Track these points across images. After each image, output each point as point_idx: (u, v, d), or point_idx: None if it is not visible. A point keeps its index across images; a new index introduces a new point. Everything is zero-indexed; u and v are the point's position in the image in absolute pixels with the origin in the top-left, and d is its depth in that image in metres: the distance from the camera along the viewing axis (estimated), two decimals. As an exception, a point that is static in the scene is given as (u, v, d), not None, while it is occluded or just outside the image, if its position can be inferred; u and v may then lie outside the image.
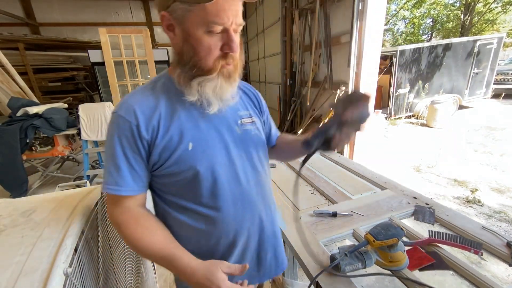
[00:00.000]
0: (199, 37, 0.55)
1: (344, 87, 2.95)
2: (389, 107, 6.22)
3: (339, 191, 1.31)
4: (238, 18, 0.57)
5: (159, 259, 0.59)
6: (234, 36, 0.57)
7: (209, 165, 0.63)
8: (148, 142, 0.60)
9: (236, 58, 0.62)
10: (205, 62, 0.58)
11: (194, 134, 0.63)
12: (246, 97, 0.79)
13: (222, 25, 0.54)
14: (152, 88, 0.65)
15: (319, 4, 3.23)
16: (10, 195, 2.69)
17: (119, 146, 0.59)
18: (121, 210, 0.61)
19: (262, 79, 6.64)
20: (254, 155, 0.72)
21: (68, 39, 5.92)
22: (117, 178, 0.59)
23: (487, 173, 3.38)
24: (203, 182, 0.63)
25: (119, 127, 0.59)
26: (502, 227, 2.33)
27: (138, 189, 0.62)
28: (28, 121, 2.73)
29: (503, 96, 7.75)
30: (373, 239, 0.75)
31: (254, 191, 0.71)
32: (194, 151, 0.62)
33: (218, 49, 0.57)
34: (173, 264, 0.58)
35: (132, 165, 0.60)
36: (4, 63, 3.46)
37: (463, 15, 14.16)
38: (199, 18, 0.53)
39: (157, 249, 0.59)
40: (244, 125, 0.71)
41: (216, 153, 0.65)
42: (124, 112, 0.60)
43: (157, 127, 0.60)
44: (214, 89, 0.61)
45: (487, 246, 0.85)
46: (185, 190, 0.65)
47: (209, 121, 0.65)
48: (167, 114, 0.62)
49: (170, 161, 0.61)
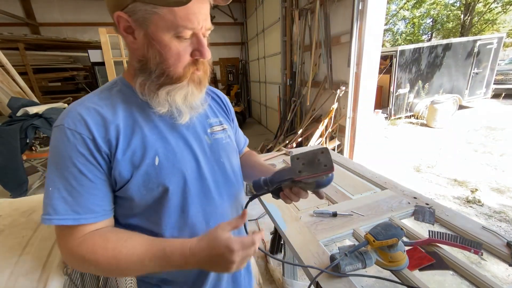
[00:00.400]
0: (166, 42, 0.50)
1: (344, 87, 2.95)
2: (389, 107, 6.23)
3: (339, 191, 1.31)
4: (208, 22, 0.53)
5: (149, 262, 0.49)
6: (204, 41, 0.53)
7: (179, 181, 0.57)
8: (108, 155, 0.52)
9: (206, 63, 0.58)
10: (175, 70, 0.52)
11: (160, 147, 0.56)
12: (215, 103, 0.74)
13: (192, 29, 0.50)
14: (107, 96, 0.56)
15: (319, 4, 3.23)
16: (10, 195, 2.69)
17: (71, 165, 0.49)
18: (80, 240, 0.50)
19: (262, 79, 6.64)
20: (227, 166, 0.67)
21: (68, 39, 5.92)
22: (74, 205, 0.49)
23: (487, 173, 3.39)
24: (172, 200, 0.56)
25: (69, 142, 0.49)
26: (502, 227, 2.33)
27: (103, 214, 0.53)
28: (28, 121, 2.73)
29: (503, 96, 7.75)
30: (373, 239, 0.75)
31: (227, 205, 0.66)
32: (162, 166, 0.55)
33: (188, 55, 0.53)
34: (169, 257, 0.49)
35: (93, 184, 0.51)
36: (4, 63, 3.45)
37: (463, 15, 14.16)
38: (166, 22, 0.48)
39: (143, 251, 0.49)
40: (215, 134, 0.66)
41: (186, 167, 0.58)
42: (72, 123, 0.50)
43: (115, 141, 0.52)
44: (185, 98, 0.56)
45: (487, 246, 0.85)
46: (151, 212, 0.57)
47: (176, 131, 0.59)
48: (126, 126, 0.54)
49: (135, 180, 0.53)
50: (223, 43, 7.90)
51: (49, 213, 0.48)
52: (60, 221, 0.48)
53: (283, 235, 1.01)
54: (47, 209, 0.49)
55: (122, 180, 0.53)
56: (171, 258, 0.49)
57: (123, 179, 0.53)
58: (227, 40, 7.92)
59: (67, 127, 0.50)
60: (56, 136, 0.51)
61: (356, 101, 2.84)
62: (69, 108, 0.53)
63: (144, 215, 0.57)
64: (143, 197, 0.55)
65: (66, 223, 0.49)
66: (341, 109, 3.14)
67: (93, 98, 0.56)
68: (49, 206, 0.49)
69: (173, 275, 0.63)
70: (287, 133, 4.46)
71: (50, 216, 0.48)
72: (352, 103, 2.91)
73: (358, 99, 2.82)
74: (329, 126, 3.23)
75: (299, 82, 4.17)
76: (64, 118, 0.52)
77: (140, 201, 0.55)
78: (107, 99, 0.56)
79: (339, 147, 3.25)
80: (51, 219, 0.48)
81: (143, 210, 0.57)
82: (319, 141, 3.27)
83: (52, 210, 0.48)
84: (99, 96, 0.56)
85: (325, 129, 3.25)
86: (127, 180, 0.53)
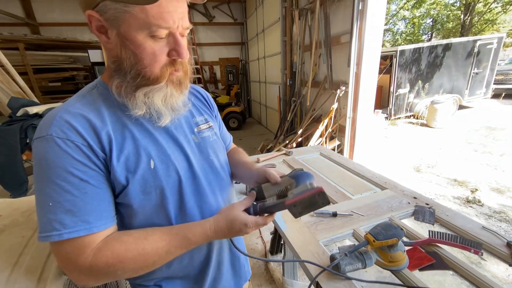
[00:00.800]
0: (140, 42, 0.47)
1: (344, 87, 2.95)
2: (389, 107, 6.23)
3: (339, 191, 1.31)
4: (185, 21, 0.50)
5: (175, 249, 0.52)
6: (182, 40, 0.51)
7: (174, 181, 0.57)
8: (105, 160, 0.50)
9: (186, 64, 0.56)
10: (151, 70, 0.50)
11: (153, 150, 0.55)
12: (198, 101, 0.73)
13: (168, 28, 0.48)
14: (89, 101, 0.54)
15: (319, 4, 3.23)
16: (10, 195, 2.68)
17: (69, 175, 0.46)
18: (95, 250, 0.47)
19: (262, 79, 6.64)
20: (215, 162, 0.68)
21: (68, 39, 5.91)
22: (82, 214, 0.46)
23: (487, 173, 3.39)
24: (169, 202, 0.57)
25: (61, 152, 0.46)
26: (502, 227, 2.33)
27: (111, 220, 0.52)
28: (28, 121, 2.73)
29: (503, 96, 7.76)
30: (373, 239, 0.75)
31: (221, 199, 0.67)
32: (157, 169, 0.55)
33: (165, 55, 0.51)
34: (192, 241, 0.54)
35: (99, 189, 0.49)
36: (4, 63, 3.45)
37: (463, 15, 14.17)
38: (139, 21, 0.45)
39: (167, 242, 0.52)
40: (202, 132, 0.67)
41: (180, 167, 0.59)
42: (61, 132, 0.47)
43: (108, 147, 0.50)
44: (164, 99, 0.54)
45: (487, 246, 0.85)
46: (151, 215, 0.57)
47: (165, 133, 0.59)
48: (116, 131, 0.52)
49: (133, 185, 0.52)
50: (223, 43, 7.90)
51: (56, 229, 0.45)
52: (71, 234, 0.45)
53: (283, 235, 1.01)
54: (53, 225, 0.45)
55: (120, 186, 0.52)
56: (194, 240, 0.54)
57: (120, 185, 0.52)
58: (227, 40, 7.92)
59: (56, 137, 0.46)
60: (44, 148, 0.46)
61: (356, 101, 2.84)
62: (52, 117, 0.49)
63: (143, 218, 0.57)
64: (142, 202, 0.54)
65: (78, 235, 0.45)
66: (341, 109, 3.14)
67: (76, 104, 0.52)
68: (54, 221, 0.45)
69: (175, 271, 0.64)
70: (287, 133, 4.46)
71: (58, 232, 0.45)
72: (352, 103, 2.90)
73: (358, 99, 2.82)
74: (329, 126, 3.23)
75: (299, 82, 4.16)
76: (48, 128, 0.47)
77: (138, 207, 0.54)
78: (90, 104, 0.53)
79: (339, 147, 3.25)
80: (61, 234, 0.44)
81: (141, 215, 0.56)
82: (319, 141, 3.27)
83: (59, 225, 0.45)
84: (81, 101, 0.53)
85: (325, 129, 3.25)
86: (124, 186, 0.52)
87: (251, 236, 2.31)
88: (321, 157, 1.84)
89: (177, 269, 0.64)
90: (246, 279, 0.81)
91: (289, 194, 0.56)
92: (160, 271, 0.62)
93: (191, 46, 0.99)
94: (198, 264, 0.66)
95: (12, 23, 5.86)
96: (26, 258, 0.64)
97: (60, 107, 0.52)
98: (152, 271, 0.54)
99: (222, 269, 0.71)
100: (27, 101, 3.14)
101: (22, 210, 0.81)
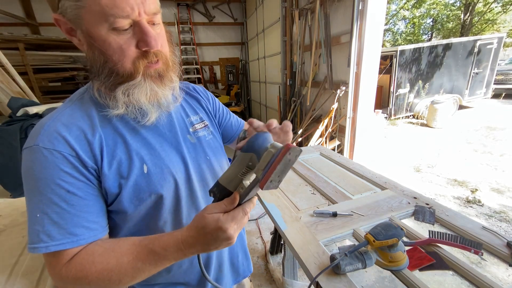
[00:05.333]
0: (104, 38, 0.45)
1: (344, 87, 2.95)
2: (389, 107, 6.23)
3: (339, 191, 1.31)
4: (147, 5, 0.45)
5: (143, 265, 0.45)
6: (150, 28, 0.47)
7: (171, 185, 0.55)
8: (95, 170, 0.49)
9: (164, 54, 0.52)
10: (122, 66, 0.47)
11: (146, 154, 0.53)
12: (192, 99, 0.71)
13: (127, 17, 0.44)
14: (79, 107, 0.52)
15: (319, 4, 3.23)
16: (10, 195, 2.68)
17: (56, 186, 0.45)
18: (69, 261, 0.46)
19: (262, 79, 6.64)
20: (214, 162, 0.65)
21: (68, 39, 5.92)
22: (69, 227, 0.45)
23: (487, 173, 3.38)
24: (165, 206, 0.55)
25: (48, 163, 0.45)
26: (502, 227, 2.33)
27: (102, 230, 0.50)
28: (28, 121, 2.72)
29: (503, 96, 7.76)
30: (373, 239, 0.75)
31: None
32: (151, 174, 0.52)
33: (134, 47, 0.47)
34: (162, 255, 0.45)
35: (86, 201, 0.47)
36: (4, 63, 3.45)
37: (463, 15, 14.17)
38: (94, 14, 0.43)
39: (133, 256, 0.45)
40: (197, 132, 0.64)
41: (176, 170, 0.56)
42: (49, 142, 0.45)
43: (100, 154, 0.49)
44: (146, 95, 0.51)
45: (487, 246, 0.85)
46: (146, 221, 0.55)
47: (159, 135, 0.56)
48: (107, 136, 0.51)
49: (126, 192, 0.50)
50: (223, 43, 7.89)
51: (43, 240, 0.44)
52: (58, 247, 0.44)
53: (283, 235, 1.01)
54: (40, 236, 0.44)
55: (112, 194, 0.50)
56: (165, 255, 0.45)
57: (113, 192, 0.50)
58: (227, 40, 7.92)
59: (42, 147, 0.45)
60: (31, 159, 0.45)
61: (356, 101, 2.84)
62: (41, 126, 0.48)
63: (138, 225, 0.55)
64: (136, 208, 0.52)
65: (64, 248, 0.44)
66: (341, 109, 3.14)
67: (66, 111, 0.50)
68: (41, 233, 0.44)
69: (175, 276, 0.63)
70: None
71: (46, 244, 0.44)
72: (352, 103, 2.90)
73: (358, 99, 2.82)
74: (329, 126, 3.23)
75: (299, 82, 4.16)
76: (36, 137, 0.46)
77: (133, 213, 0.53)
78: (80, 110, 0.51)
79: (339, 147, 3.25)
80: (48, 246, 0.44)
81: (136, 221, 0.54)
82: (319, 141, 3.27)
83: (46, 237, 0.44)
84: (71, 107, 0.51)
85: (325, 129, 3.25)
86: (117, 193, 0.50)
87: (251, 236, 2.31)
88: (321, 157, 1.84)
89: (177, 274, 0.62)
90: (244, 276, 0.80)
91: (256, 173, 0.44)
92: (160, 276, 0.60)
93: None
94: (199, 269, 0.63)
95: (12, 23, 5.86)
96: (26, 258, 0.64)
97: (50, 115, 0.50)
98: (153, 276, 0.49)
99: (223, 270, 0.70)
100: (27, 101, 3.14)
101: (22, 210, 0.81)
